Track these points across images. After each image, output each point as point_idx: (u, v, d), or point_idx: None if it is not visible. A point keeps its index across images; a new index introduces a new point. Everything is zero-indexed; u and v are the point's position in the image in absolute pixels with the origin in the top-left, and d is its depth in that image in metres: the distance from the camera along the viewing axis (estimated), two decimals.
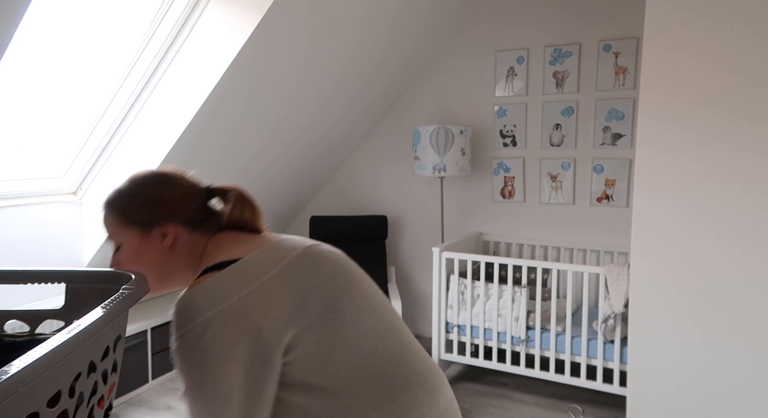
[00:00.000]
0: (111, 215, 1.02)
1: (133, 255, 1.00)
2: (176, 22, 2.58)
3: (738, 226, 2.24)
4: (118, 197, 1.03)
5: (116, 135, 2.87)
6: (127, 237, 1.00)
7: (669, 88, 2.30)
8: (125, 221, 1.01)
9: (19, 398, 0.49)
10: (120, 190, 1.04)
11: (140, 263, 0.99)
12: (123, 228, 1.01)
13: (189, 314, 0.84)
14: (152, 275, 0.97)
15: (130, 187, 1.04)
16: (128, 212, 1.01)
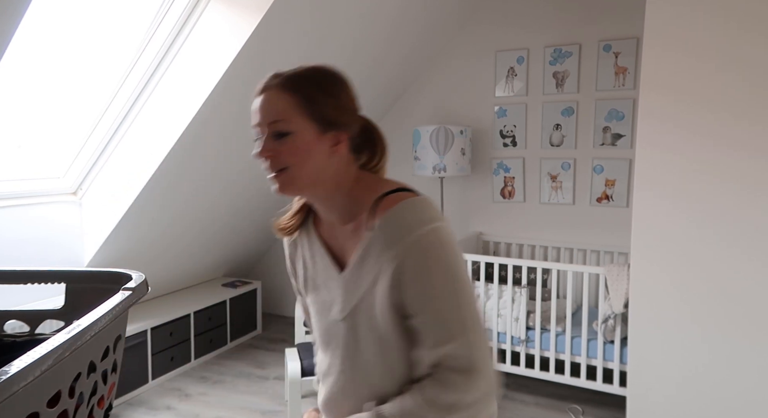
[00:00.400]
0: (294, 99, 0.93)
1: (302, 150, 0.92)
2: (176, 23, 2.58)
3: (738, 226, 2.24)
4: (309, 85, 0.95)
5: (116, 135, 2.87)
6: (303, 128, 0.92)
7: (669, 88, 2.30)
8: (309, 112, 0.93)
9: (19, 398, 0.49)
10: (311, 79, 0.96)
11: (304, 161, 0.93)
12: (302, 118, 0.93)
13: (435, 214, 0.92)
14: (308, 177, 0.94)
15: (322, 79, 0.97)
16: (317, 104, 0.94)
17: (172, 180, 2.99)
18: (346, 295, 0.97)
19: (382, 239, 0.90)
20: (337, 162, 0.96)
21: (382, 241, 0.90)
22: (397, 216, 0.90)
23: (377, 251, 0.91)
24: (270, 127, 0.93)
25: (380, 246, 0.90)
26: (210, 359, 3.72)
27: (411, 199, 0.93)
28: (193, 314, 3.56)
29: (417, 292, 0.88)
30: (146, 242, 3.27)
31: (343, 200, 0.98)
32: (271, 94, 0.94)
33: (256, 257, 4.66)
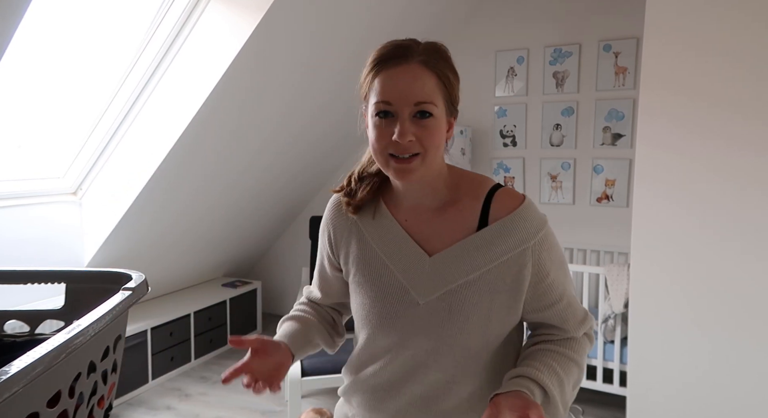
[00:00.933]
0: (437, 79, 0.91)
1: (438, 135, 0.92)
2: (176, 23, 2.58)
3: (739, 225, 2.23)
4: (446, 65, 0.94)
5: (116, 135, 2.87)
6: (440, 110, 0.92)
7: (669, 86, 2.30)
8: (447, 94, 0.93)
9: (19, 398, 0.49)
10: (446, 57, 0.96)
11: (439, 146, 0.93)
12: (442, 100, 0.92)
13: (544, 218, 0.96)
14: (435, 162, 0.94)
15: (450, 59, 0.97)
16: (452, 87, 0.94)
17: (172, 180, 2.99)
18: (437, 278, 0.95)
19: (521, 229, 0.92)
20: (444, 147, 0.97)
21: (521, 230, 0.92)
22: (530, 211, 0.94)
23: (514, 238, 0.92)
24: (415, 107, 0.89)
25: (518, 234, 0.92)
26: (210, 359, 3.72)
27: (528, 199, 0.97)
28: (193, 314, 3.56)
29: (558, 277, 0.95)
30: (146, 242, 3.27)
31: (441, 186, 0.98)
32: (417, 71, 0.89)
33: (256, 257, 4.66)
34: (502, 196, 0.95)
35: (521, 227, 0.92)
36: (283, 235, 4.63)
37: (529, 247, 0.91)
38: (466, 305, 0.93)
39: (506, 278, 0.93)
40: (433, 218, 0.98)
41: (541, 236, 0.92)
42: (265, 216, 4.15)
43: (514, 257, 0.92)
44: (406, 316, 0.96)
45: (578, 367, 0.98)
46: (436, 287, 0.94)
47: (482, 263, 0.92)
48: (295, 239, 4.57)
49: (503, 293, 0.93)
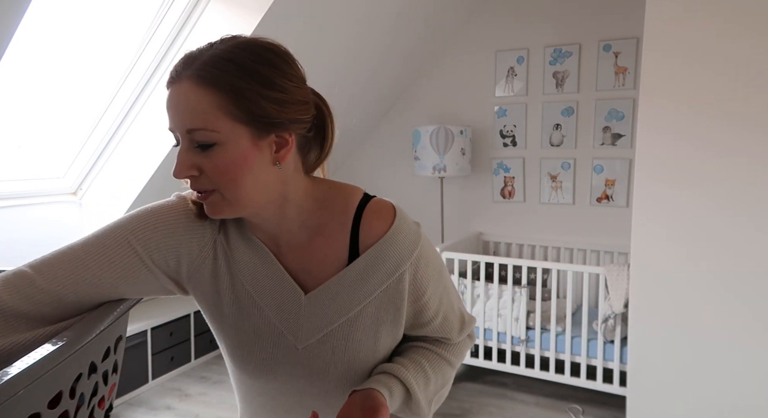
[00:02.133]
0: (216, 96, 0.70)
1: (233, 166, 0.72)
2: (176, 23, 2.58)
3: (739, 226, 2.23)
4: (235, 73, 0.70)
5: (116, 135, 2.87)
6: (233, 136, 0.71)
7: (669, 87, 2.30)
8: (239, 111, 0.70)
9: (21, 399, 0.49)
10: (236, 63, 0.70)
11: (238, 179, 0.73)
12: (229, 121, 0.70)
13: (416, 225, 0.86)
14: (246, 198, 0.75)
15: (253, 62, 0.71)
16: (248, 99, 0.70)
17: (173, 180, 2.98)
18: (315, 319, 0.83)
19: (395, 253, 0.82)
20: (283, 171, 0.77)
21: (395, 255, 0.82)
22: (401, 232, 0.83)
23: (388, 265, 0.82)
24: (188, 135, 0.73)
25: (391, 260, 0.82)
26: (210, 359, 3.72)
27: (399, 210, 0.85)
28: (193, 314, 3.56)
29: (435, 292, 0.88)
30: None
31: (296, 214, 0.82)
32: (185, 91, 0.72)
33: None
34: (369, 218, 0.82)
35: (394, 252, 0.82)
36: None
37: (405, 270, 0.82)
38: (350, 344, 0.83)
39: (388, 307, 0.84)
40: (303, 249, 0.84)
41: (416, 254, 0.83)
42: None
43: (393, 283, 0.83)
44: (285, 362, 0.85)
45: (450, 366, 0.95)
46: (314, 329, 0.83)
47: (360, 298, 0.83)
48: None
49: (387, 322, 0.85)
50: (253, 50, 0.73)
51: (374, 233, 0.82)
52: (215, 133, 0.71)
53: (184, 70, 0.72)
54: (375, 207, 0.84)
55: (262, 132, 0.73)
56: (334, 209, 0.84)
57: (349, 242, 0.83)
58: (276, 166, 0.76)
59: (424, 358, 0.91)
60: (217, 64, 0.70)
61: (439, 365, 0.93)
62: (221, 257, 0.84)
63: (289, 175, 0.79)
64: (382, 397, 0.79)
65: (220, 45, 0.73)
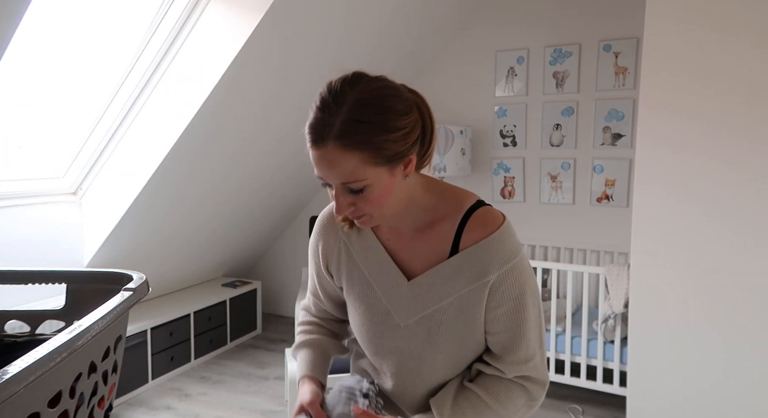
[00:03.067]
0: (361, 155, 0.84)
1: (381, 197, 0.89)
2: (176, 23, 2.58)
3: (738, 226, 2.24)
4: (370, 131, 0.84)
5: (116, 135, 2.87)
6: (377, 177, 0.86)
7: (669, 87, 2.30)
8: (379, 159, 0.85)
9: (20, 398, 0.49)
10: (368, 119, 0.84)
11: (384, 204, 0.90)
12: (373, 168, 0.85)
13: (519, 241, 0.97)
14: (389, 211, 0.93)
15: (379, 114, 0.85)
16: (385, 149, 0.85)
17: (172, 180, 2.99)
18: (415, 302, 0.99)
19: (485, 261, 0.93)
20: (409, 181, 0.94)
21: (484, 262, 0.93)
22: (499, 242, 0.93)
23: (476, 269, 0.93)
24: (342, 186, 0.88)
25: (480, 266, 0.93)
26: (210, 359, 3.72)
27: (506, 224, 0.95)
28: (193, 314, 3.56)
29: (510, 311, 0.95)
30: (146, 242, 3.27)
31: (417, 210, 0.98)
32: (332, 154, 0.84)
33: (256, 257, 4.66)
34: (476, 220, 0.95)
35: (485, 259, 0.93)
36: (283, 235, 4.63)
37: (490, 279, 0.93)
38: (442, 329, 0.98)
39: (470, 307, 0.96)
40: (412, 240, 1.00)
41: (506, 269, 0.93)
42: (265, 216, 4.15)
43: (477, 287, 0.94)
44: (390, 336, 1.03)
45: (494, 413, 1.00)
46: (414, 311, 0.99)
47: (452, 291, 0.96)
48: (295, 239, 4.57)
49: (472, 316, 0.96)
50: (374, 103, 0.85)
51: (475, 236, 0.94)
52: (364, 180, 0.86)
53: (326, 135, 0.84)
54: (483, 214, 0.96)
55: (395, 164, 0.89)
56: (448, 207, 0.98)
57: (452, 241, 0.96)
58: (406, 179, 0.92)
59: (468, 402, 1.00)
60: (354, 129, 0.83)
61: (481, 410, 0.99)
62: (344, 251, 1.06)
63: (412, 182, 0.95)
64: None
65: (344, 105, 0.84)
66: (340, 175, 0.85)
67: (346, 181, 0.86)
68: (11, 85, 2.45)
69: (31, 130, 2.70)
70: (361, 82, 0.87)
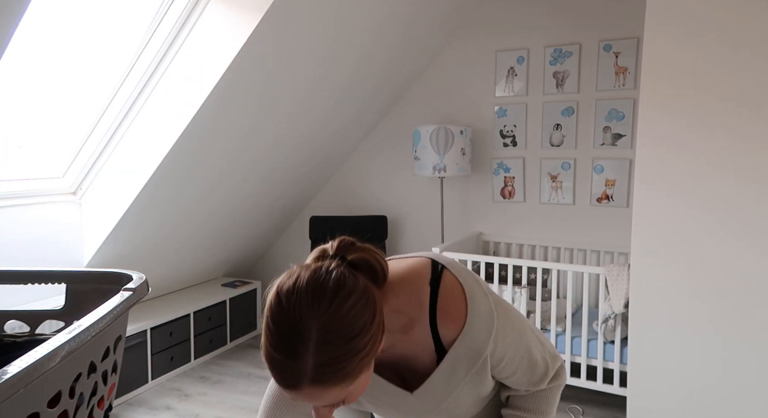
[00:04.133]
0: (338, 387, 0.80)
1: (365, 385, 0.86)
2: (176, 23, 2.58)
3: (739, 226, 2.23)
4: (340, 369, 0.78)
5: (116, 135, 2.87)
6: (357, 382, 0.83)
7: (669, 87, 2.30)
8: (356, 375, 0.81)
9: (20, 398, 0.49)
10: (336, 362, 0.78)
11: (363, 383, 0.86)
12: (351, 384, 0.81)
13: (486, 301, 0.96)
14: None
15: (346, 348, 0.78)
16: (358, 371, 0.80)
17: (172, 180, 2.99)
18: (425, 405, 1.02)
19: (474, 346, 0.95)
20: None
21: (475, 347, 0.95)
22: (475, 326, 0.94)
23: (470, 356, 0.96)
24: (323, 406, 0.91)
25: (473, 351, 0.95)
26: (210, 359, 3.72)
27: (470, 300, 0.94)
28: (193, 314, 3.56)
29: (512, 356, 1.00)
30: (146, 242, 3.27)
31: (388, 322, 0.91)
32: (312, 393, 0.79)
33: (256, 257, 4.66)
34: (444, 317, 0.93)
35: (474, 343, 0.95)
36: (283, 235, 4.63)
37: (487, 353, 0.96)
38: (457, 409, 1.04)
39: (479, 380, 1.00)
40: (397, 350, 0.98)
41: (493, 337, 0.95)
42: (265, 216, 4.15)
43: (479, 367, 0.97)
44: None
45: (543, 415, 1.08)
46: (426, 412, 1.04)
47: (455, 384, 0.98)
48: (295, 239, 4.57)
49: (485, 383, 1.01)
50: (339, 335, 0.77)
51: (452, 331, 0.94)
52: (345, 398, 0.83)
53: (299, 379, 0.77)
54: (445, 307, 0.93)
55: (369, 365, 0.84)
56: (410, 306, 0.94)
57: (432, 338, 0.95)
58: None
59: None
60: (326, 370, 0.77)
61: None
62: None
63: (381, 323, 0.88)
64: None
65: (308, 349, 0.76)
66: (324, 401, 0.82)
67: (327, 404, 0.85)
68: (11, 85, 2.45)
69: (31, 130, 2.70)
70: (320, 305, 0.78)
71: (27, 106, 2.61)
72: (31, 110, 2.64)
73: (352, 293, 0.81)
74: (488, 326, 0.95)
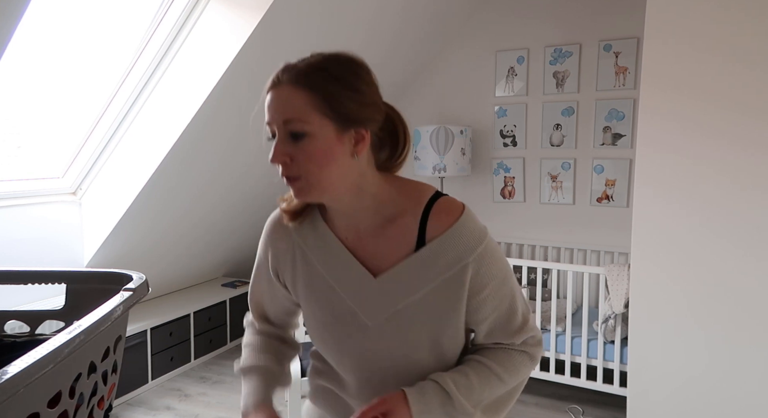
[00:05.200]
0: (310, 95, 0.85)
1: (320, 154, 0.85)
2: (176, 23, 2.58)
3: (739, 225, 2.23)
4: (326, 78, 0.87)
5: (116, 135, 2.87)
6: (321, 129, 0.85)
7: (670, 85, 2.30)
8: (328, 109, 0.85)
9: (20, 398, 0.49)
10: (328, 70, 0.88)
11: (323, 166, 0.86)
12: (320, 116, 0.85)
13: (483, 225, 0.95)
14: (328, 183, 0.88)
15: (340, 70, 0.89)
16: (336, 100, 0.86)
17: (172, 180, 2.99)
18: (383, 299, 0.94)
19: (458, 246, 0.90)
20: (359, 163, 0.90)
21: (458, 248, 0.90)
22: (466, 228, 0.91)
23: (450, 256, 0.90)
24: (284, 127, 0.86)
25: (454, 252, 0.90)
26: (210, 359, 3.72)
27: (468, 209, 0.94)
28: (192, 314, 3.55)
29: (496, 290, 0.94)
30: (146, 242, 3.27)
31: (373, 204, 0.94)
32: (284, 91, 0.86)
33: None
34: (438, 210, 0.92)
35: (458, 244, 0.90)
36: None
37: (468, 263, 0.90)
38: (414, 325, 0.93)
39: (449, 295, 0.92)
40: (374, 237, 0.95)
41: (480, 251, 0.91)
42: (265, 215, 4.14)
43: (455, 274, 0.91)
44: (358, 338, 0.97)
45: (499, 379, 0.97)
46: (383, 308, 0.94)
47: (424, 283, 0.92)
48: None
49: (447, 309, 0.93)
50: (340, 61, 0.91)
51: (441, 226, 0.91)
52: (307, 124, 0.84)
53: (284, 75, 0.88)
54: (444, 203, 0.94)
55: (344, 127, 0.87)
56: (407, 201, 0.95)
57: (417, 232, 0.92)
58: (354, 158, 0.88)
59: (470, 367, 0.97)
60: (312, 72, 0.87)
61: (486, 376, 0.96)
62: (299, 253, 1.00)
63: (363, 167, 0.91)
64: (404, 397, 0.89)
65: (313, 57, 0.91)
66: (286, 111, 0.85)
67: (289, 117, 0.85)
68: (11, 86, 2.45)
69: (31, 131, 2.70)
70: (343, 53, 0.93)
71: (27, 107, 2.61)
72: (32, 110, 2.64)
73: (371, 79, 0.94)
74: (479, 235, 0.92)
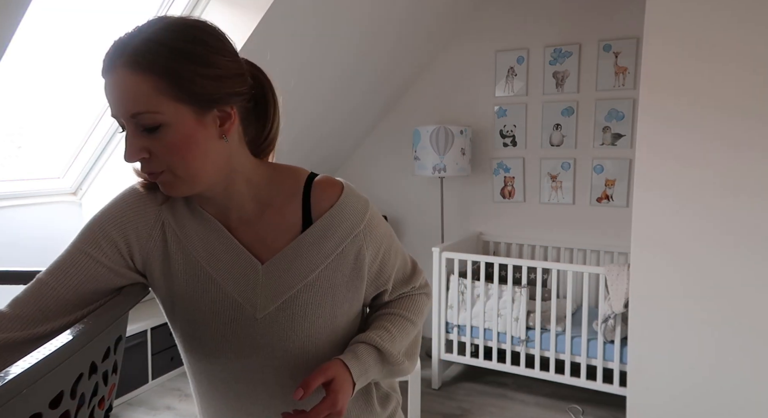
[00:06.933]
0: (154, 80, 0.71)
1: (183, 144, 0.74)
2: None
3: (738, 226, 2.24)
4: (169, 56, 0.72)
5: (116, 135, 2.87)
6: (176, 116, 0.73)
7: (670, 86, 2.30)
8: (178, 92, 0.72)
9: (23, 399, 0.49)
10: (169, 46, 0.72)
11: (187, 157, 0.75)
12: (170, 102, 0.72)
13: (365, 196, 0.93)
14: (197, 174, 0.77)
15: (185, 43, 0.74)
16: (185, 79, 0.72)
17: None
18: (273, 287, 0.85)
19: (349, 217, 0.88)
20: (229, 144, 0.80)
21: (349, 218, 0.88)
22: (352, 197, 0.89)
23: (343, 228, 0.87)
24: (133, 120, 0.73)
25: (346, 224, 0.87)
26: None
27: (347, 184, 0.91)
28: None
29: (387, 249, 0.94)
30: None
31: (249, 188, 0.85)
32: (123, 78, 0.71)
33: None
34: (320, 188, 0.88)
35: (347, 216, 0.87)
36: None
37: (360, 232, 0.88)
38: (309, 309, 0.86)
39: (345, 270, 0.88)
40: (254, 224, 0.87)
41: (369, 216, 0.90)
42: None
43: (348, 247, 0.87)
44: (244, 335, 0.85)
45: (412, 323, 0.98)
46: (273, 297, 0.85)
47: (318, 262, 0.86)
48: None
49: (344, 285, 0.88)
50: (183, 30, 0.76)
51: (326, 201, 0.87)
52: (159, 114, 0.72)
53: (117, 58, 0.72)
54: (324, 180, 0.90)
55: (204, 109, 0.75)
56: (284, 182, 0.88)
57: (301, 211, 0.87)
58: (222, 140, 0.78)
59: (385, 320, 0.95)
60: (150, 49, 0.72)
61: (401, 323, 0.96)
62: (170, 237, 0.85)
63: (234, 147, 0.81)
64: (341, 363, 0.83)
65: (148, 28, 0.74)
66: (128, 104, 0.71)
67: (136, 111, 0.71)
68: (12, 86, 2.45)
69: (32, 131, 2.70)
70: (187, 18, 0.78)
71: (28, 107, 2.61)
72: (32, 111, 2.64)
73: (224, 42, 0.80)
74: (364, 202, 0.91)
